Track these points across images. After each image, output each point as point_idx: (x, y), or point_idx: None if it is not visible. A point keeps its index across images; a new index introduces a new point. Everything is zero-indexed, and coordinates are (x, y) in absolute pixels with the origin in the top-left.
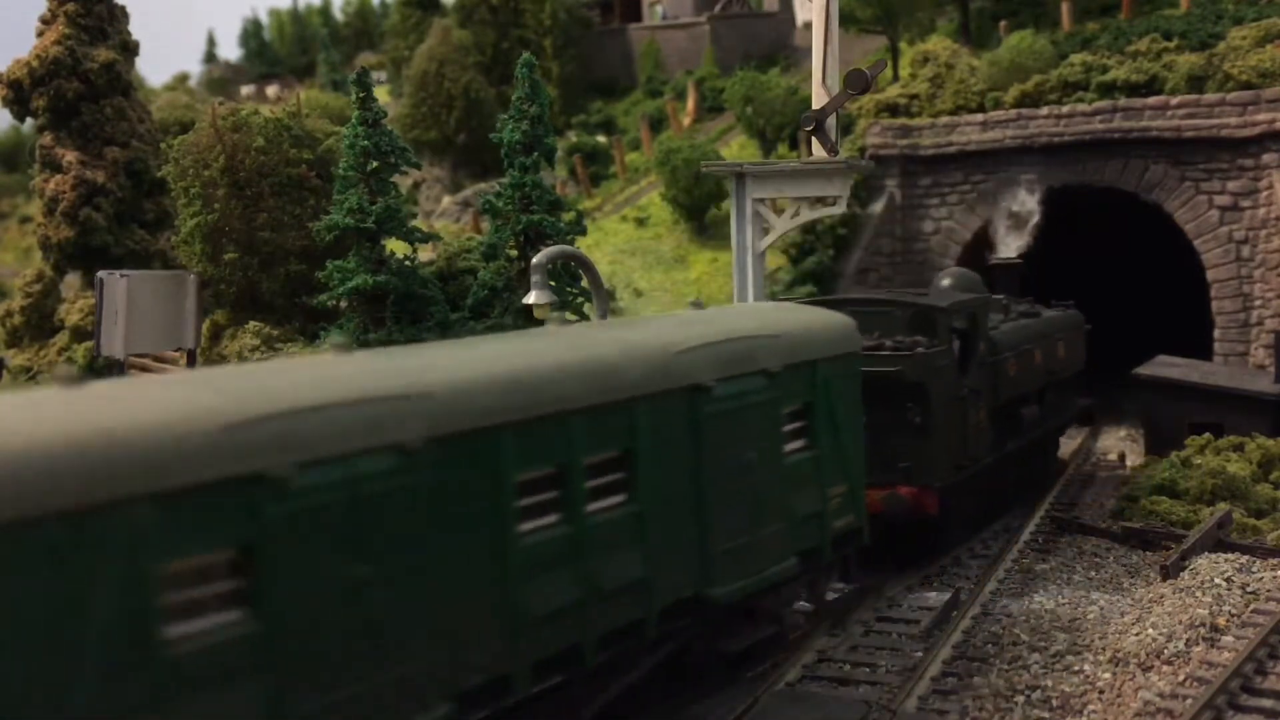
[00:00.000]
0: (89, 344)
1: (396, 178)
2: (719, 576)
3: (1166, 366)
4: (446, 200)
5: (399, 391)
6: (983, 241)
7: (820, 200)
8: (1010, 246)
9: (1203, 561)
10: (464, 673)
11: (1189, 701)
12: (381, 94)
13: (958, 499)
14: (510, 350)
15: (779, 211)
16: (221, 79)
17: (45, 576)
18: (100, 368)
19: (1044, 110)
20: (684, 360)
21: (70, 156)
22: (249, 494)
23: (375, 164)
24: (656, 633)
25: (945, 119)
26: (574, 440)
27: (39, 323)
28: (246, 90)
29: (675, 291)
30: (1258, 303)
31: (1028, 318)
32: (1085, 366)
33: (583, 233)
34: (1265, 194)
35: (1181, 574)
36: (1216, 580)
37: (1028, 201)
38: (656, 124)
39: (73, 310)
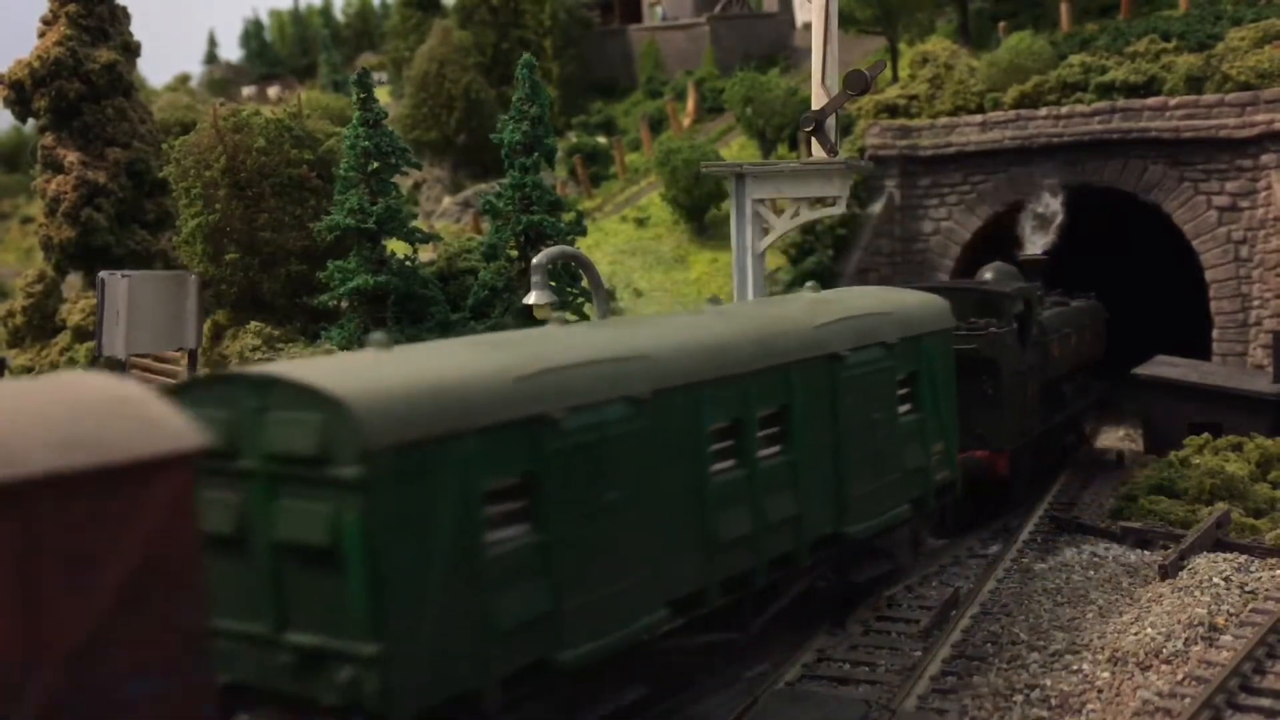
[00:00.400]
0: (90, 344)
1: (397, 178)
2: (852, 517)
3: (1165, 366)
4: (447, 201)
5: (631, 354)
6: (981, 241)
7: (820, 201)
8: (1037, 244)
9: (1201, 561)
10: (675, 584)
11: (1188, 701)
12: (382, 95)
13: (1022, 461)
14: (700, 324)
15: (779, 212)
16: (222, 80)
17: (418, 487)
18: (102, 368)
19: (1043, 111)
20: (824, 333)
21: (72, 157)
22: (534, 431)
23: (376, 164)
24: (806, 561)
25: (944, 120)
26: (748, 397)
27: (40, 323)
28: (247, 91)
29: (675, 292)
30: (1256, 303)
31: (1060, 306)
32: (1103, 354)
33: (583, 233)
34: (1264, 194)
35: (1180, 573)
36: (1215, 580)
37: (1051, 204)
38: (656, 124)
39: (74, 310)
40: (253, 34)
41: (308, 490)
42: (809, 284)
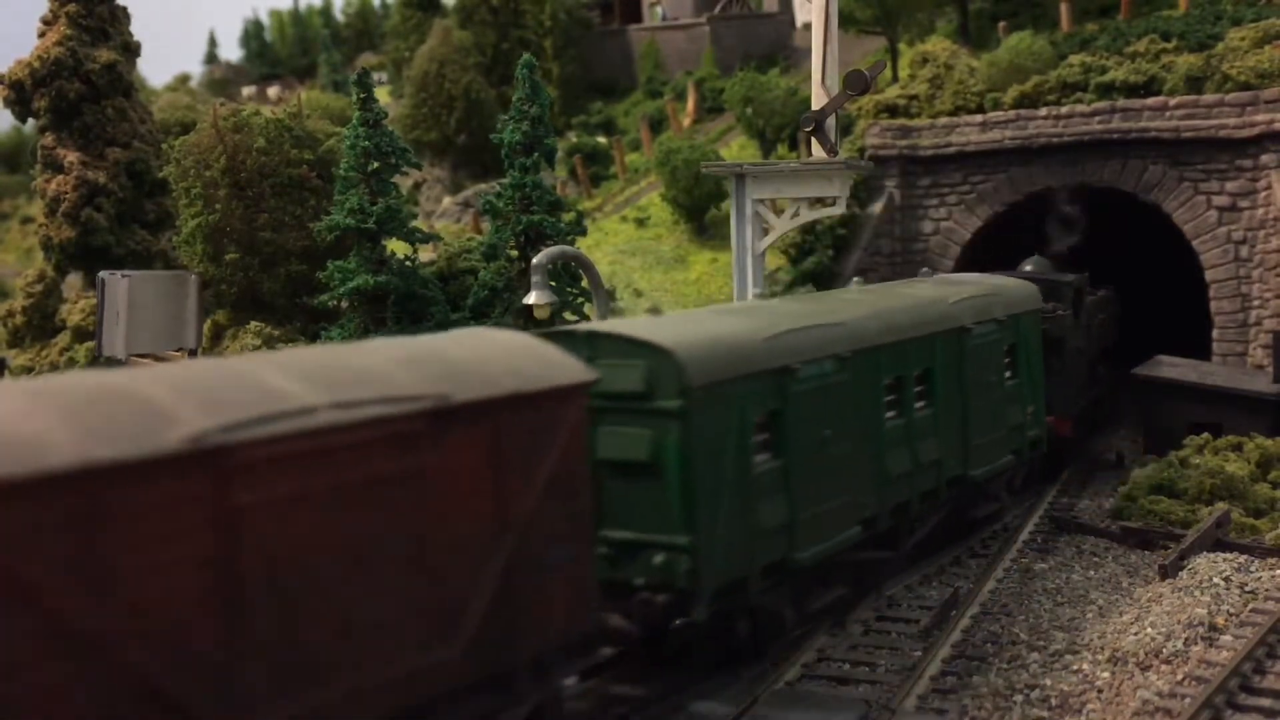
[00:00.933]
0: (90, 344)
1: (397, 178)
2: (975, 463)
3: (1165, 366)
4: (447, 201)
5: (835, 322)
6: (981, 241)
7: (820, 200)
8: (1063, 242)
9: (1201, 561)
10: (862, 508)
11: (1187, 700)
12: (382, 95)
13: (1080, 425)
14: (874, 298)
15: (779, 212)
16: (223, 80)
17: (714, 417)
18: (102, 368)
19: (1043, 111)
20: (955, 309)
21: (72, 157)
22: (779, 379)
23: (376, 164)
24: (944, 496)
25: (944, 120)
26: (908, 359)
27: (40, 323)
28: (248, 91)
29: (675, 292)
30: (1256, 303)
31: (1091, 295)
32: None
33: (583, 233)
34: (1263, 194)
35: (1180, 573)
36: (1215, 580)
37: (1071, 210)
38: (656, 124)
39: (74, 310)
40: (253, 34)
41: (633, 419)
42: (923, 270)
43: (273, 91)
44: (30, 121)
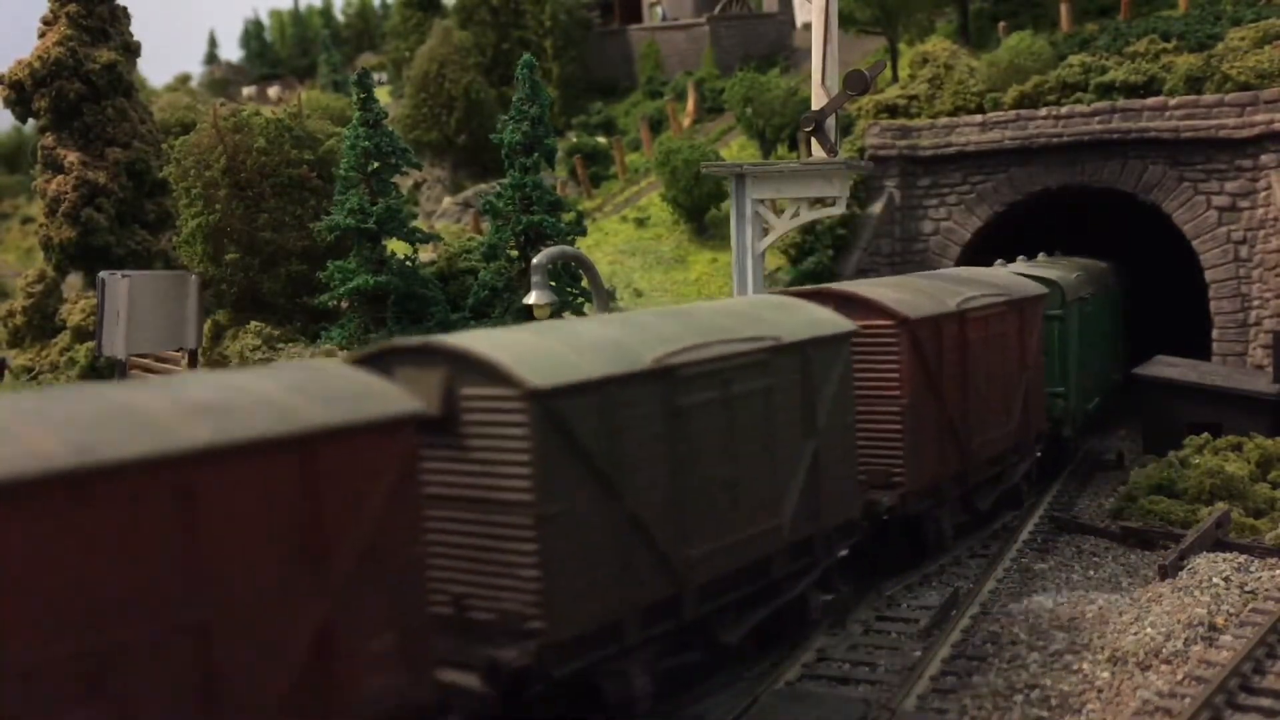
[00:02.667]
0: (90, 344)
1: (397, 178)
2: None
3: (1165, 366)
4: (447, 201)
5: (1056, 280)
6: (979, 241)
7: (820, 201)
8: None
9: (1201, 561)
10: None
11: (1187, 700)
12: (382, 95)
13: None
14: (1049, 268)
15: (779, 212)
16: (223, 80)
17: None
18: (101, 368)
19: (1043, 111)
20: (1075, 286)
21: (72, 157)
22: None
23: (376, 165)
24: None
25: (944, 120)
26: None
27: (41, 323)
28: (248, 91)
29: (675, 291)
30: (1256, 303)
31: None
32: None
33: (583, 233)
34: (1263, 194)
35: (1180, 573)
36: (1215, 579)
37: None
38: (656, 125)
39: (74, 310)
40: (253, 34)
41: None
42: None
43: (273, 91)
44: (30, 121)
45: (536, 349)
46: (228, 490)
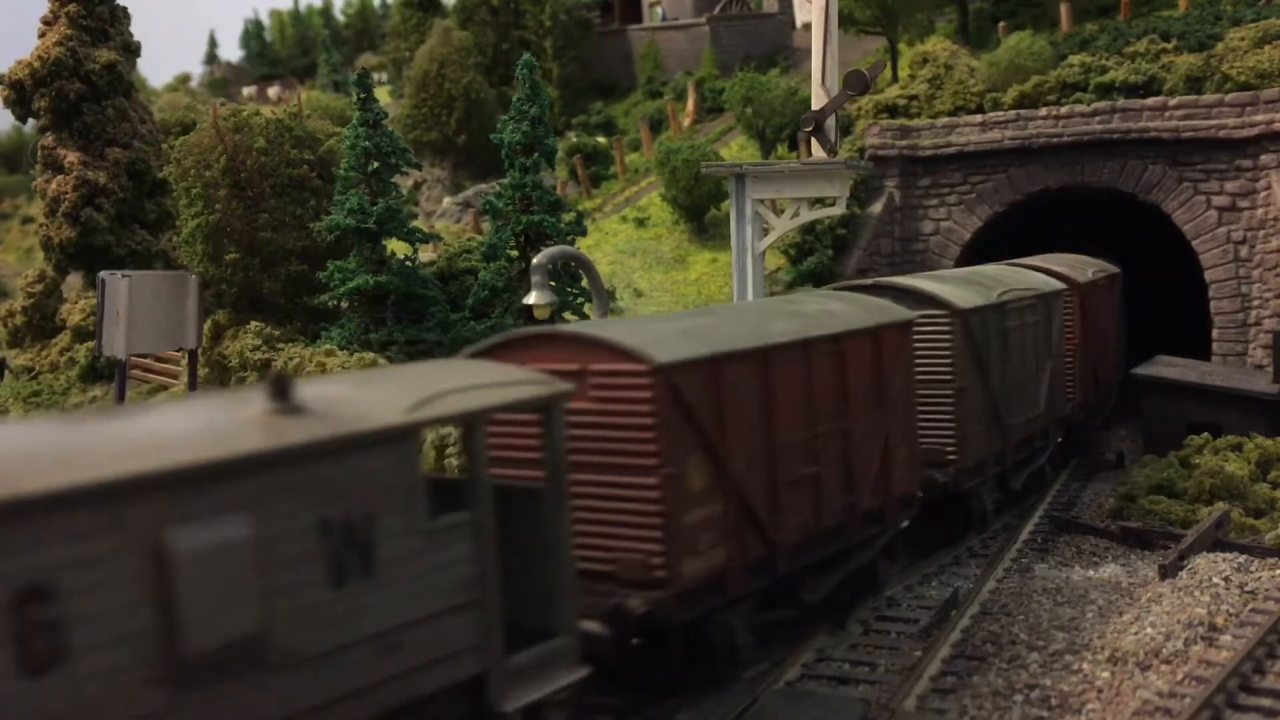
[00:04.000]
0: (90, 344)
1: (397, 178)
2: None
3: (1165, 366)
4: (447, 201)
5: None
6: (978, 241)
7: (820, 201)
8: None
9: (1201, 561)
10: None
11: (1187, 700)
12: (382, 95)
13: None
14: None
15: (779, 212)
16: (223, 80)
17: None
18: (102, 368)
19: (1042, 111)
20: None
21: (72, 157)
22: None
23: (376, 165)
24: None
25: (944, 120)
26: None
27: (41, 323)
28: (248, 91)
29: (675, 291)
30: (1255, 303)
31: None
32: None
33: (583, 233)
34: (1263, 194)
35: (1180, 573)
36: (1215, 579)
37: None
38: (656, 125)
39: (74, 310)
40: (253, 34)
41: None
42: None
43: (273, 91)
44: (30, 121)
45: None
46: (852, 354)
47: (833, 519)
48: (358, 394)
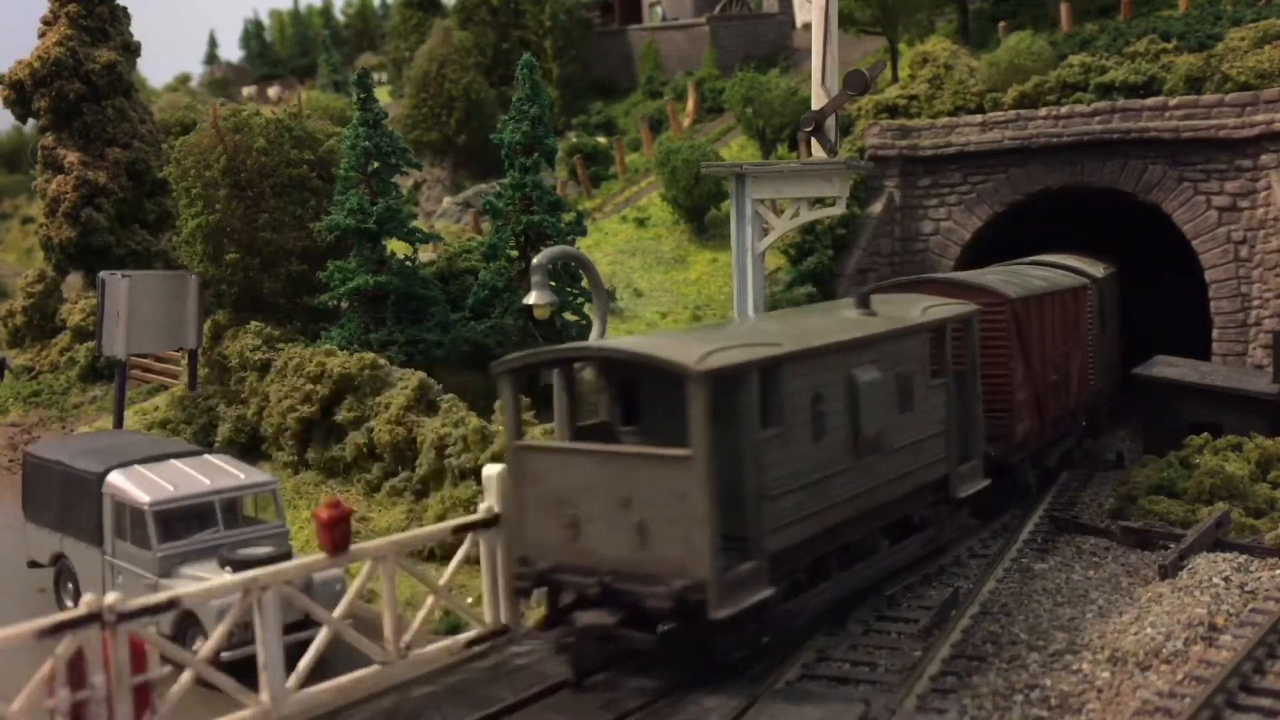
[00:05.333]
0: (90, 344)
1: (397, 178)
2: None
3: (1165, 366)
4: (447, 201)
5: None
6: (977, 241)
7: (820, 200)
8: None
9: (1201, 561)
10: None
11: (1187, 700)
12: (382, 95)
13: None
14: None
15: (779, 212)
16: (223, 80)
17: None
18: (102, 368)
19: (1042, 111)
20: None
21: (72, 157)
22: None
23: (376, 165)
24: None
25: (944, 120)
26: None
27: (41, 323)
28: (248, 91)
29: (675, 292)
30: (1256, 303)
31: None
32: None
33: (583, 233)
34: (1263, 194)
35: (1180, 573)
36: (1215, 579)
37: None
38: (656, 125)
39: (74, 310)
40: (253, 34)
41: None
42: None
43: (273, 91)
44: (30, 121)
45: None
46: (1070, 303)
47: (1061, 411)
48: (895, 306)
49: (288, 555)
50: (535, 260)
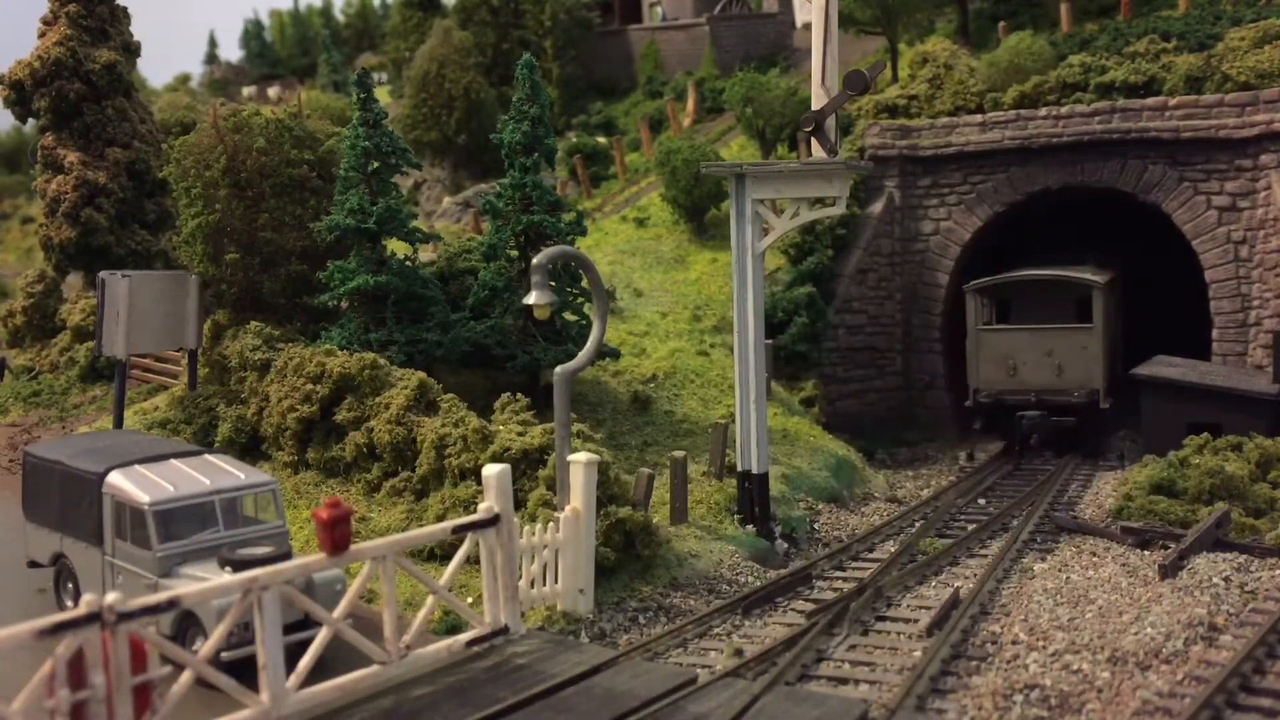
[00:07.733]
0: (90, 344)
1: (397, 178)
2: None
3: (1165, 366)
4: (447, 201)
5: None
6: (980, 241)
7: (820, 200)
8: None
9: (1201, 561)
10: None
11: (1187, 700)
12: (382, 95)
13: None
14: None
15: (779, 212)
16: (223, 80)
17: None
18: (102, 368)
19: (1042, 111)
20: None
21: (72, 157)
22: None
23: (376, 165)
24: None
25: (944, 120)
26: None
27: (41, 323)
28: (248, 91)
29: (675, 291)
30: (1255, 303)
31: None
32: None
33: (583, 233)
34: (1263, 194)
35: (1180, 573)
36: (1215, 579)
37: None
38: (656, 125)
39: (74, 310)
40: (253, 34)
41: None
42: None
43: (273, 91)
44: (30, 121)
45: None
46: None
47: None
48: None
49: (288, 555)
50: (535, 260)
